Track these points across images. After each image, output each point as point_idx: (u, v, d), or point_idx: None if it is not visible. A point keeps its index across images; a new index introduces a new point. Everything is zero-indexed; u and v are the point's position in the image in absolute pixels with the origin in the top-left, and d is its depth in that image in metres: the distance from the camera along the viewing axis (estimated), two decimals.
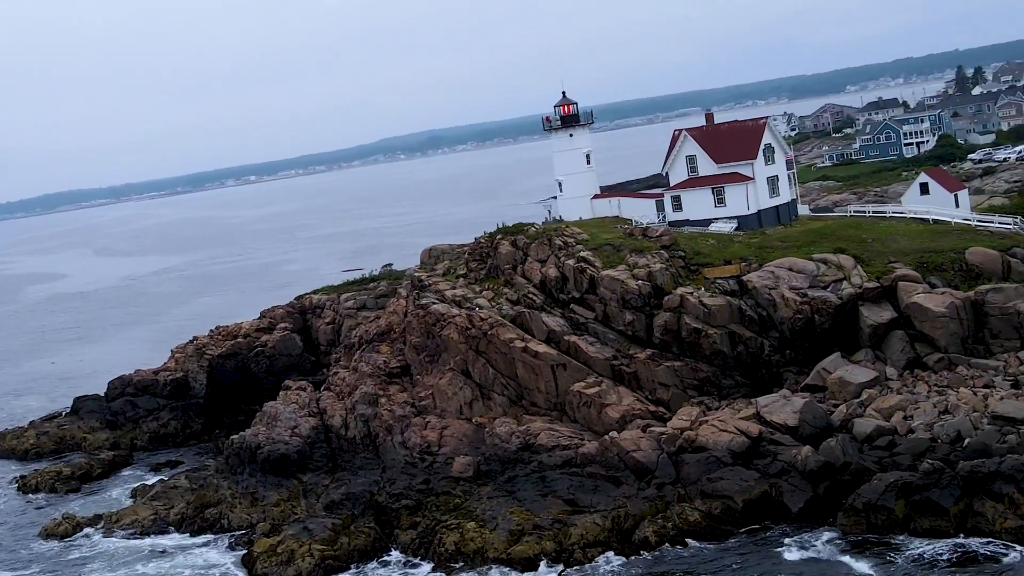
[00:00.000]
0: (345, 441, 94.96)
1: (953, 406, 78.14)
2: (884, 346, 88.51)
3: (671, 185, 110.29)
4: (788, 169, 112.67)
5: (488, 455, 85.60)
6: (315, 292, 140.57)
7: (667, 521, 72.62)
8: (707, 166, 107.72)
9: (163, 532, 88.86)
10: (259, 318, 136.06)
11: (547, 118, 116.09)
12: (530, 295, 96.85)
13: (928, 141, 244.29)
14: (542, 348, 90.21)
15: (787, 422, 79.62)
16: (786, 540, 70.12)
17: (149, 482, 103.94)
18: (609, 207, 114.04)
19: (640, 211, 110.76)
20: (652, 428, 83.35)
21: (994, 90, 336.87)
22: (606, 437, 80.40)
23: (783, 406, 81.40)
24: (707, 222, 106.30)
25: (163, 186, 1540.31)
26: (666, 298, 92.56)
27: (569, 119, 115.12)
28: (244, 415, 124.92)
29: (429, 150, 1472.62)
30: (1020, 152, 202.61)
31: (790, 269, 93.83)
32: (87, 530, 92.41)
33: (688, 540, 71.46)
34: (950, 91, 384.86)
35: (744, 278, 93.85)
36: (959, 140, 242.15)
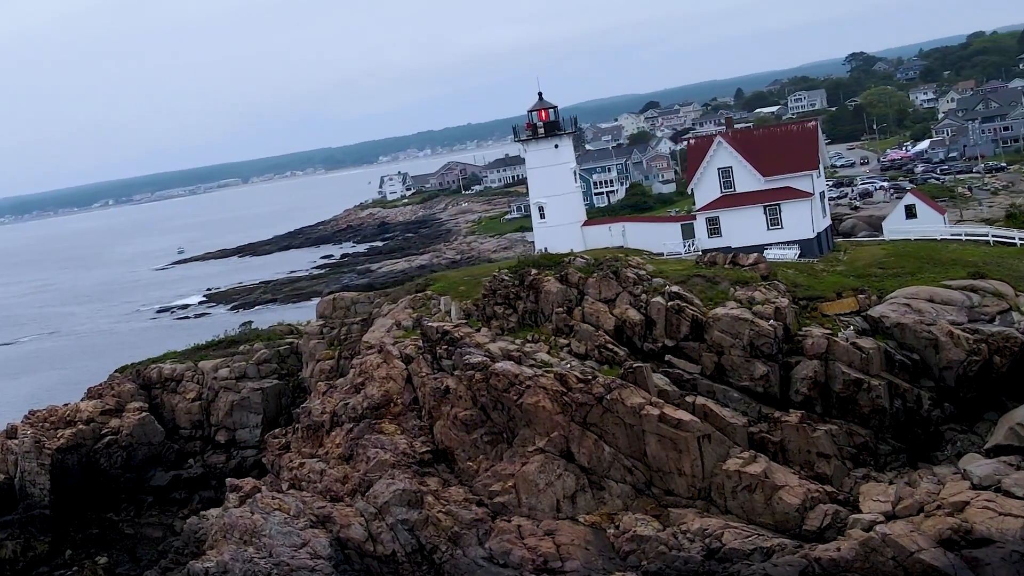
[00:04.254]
0: (376, 560, 66.85)
1: None
2: None
3: (700, 205, 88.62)
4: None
5: (653, 570, 60.74)
6: (155, 360, 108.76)
7: None
8: (749, 180, 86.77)
9: None
10: (96, 398, 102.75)
11: (528, 124, 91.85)
12: (607, 346, 72.74)
13: (617, 190, 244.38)
14: (684, 415, 66.17)
15: None
16: None
17: None
18: (610, 236, 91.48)
19: (657, 238, 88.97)
20: (844, 515, 61.84)
21: (604, 147, 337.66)
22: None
23: None
24: (759, 248, 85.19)
25: None
26: (808, 342, 71.07)
27: (552, 126, 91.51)
28: (98, 527, 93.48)
29: None
30: None
31: (930, 300, 74.66)
32: None
33: None
34: None
35: (874, 314, 73.90)
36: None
